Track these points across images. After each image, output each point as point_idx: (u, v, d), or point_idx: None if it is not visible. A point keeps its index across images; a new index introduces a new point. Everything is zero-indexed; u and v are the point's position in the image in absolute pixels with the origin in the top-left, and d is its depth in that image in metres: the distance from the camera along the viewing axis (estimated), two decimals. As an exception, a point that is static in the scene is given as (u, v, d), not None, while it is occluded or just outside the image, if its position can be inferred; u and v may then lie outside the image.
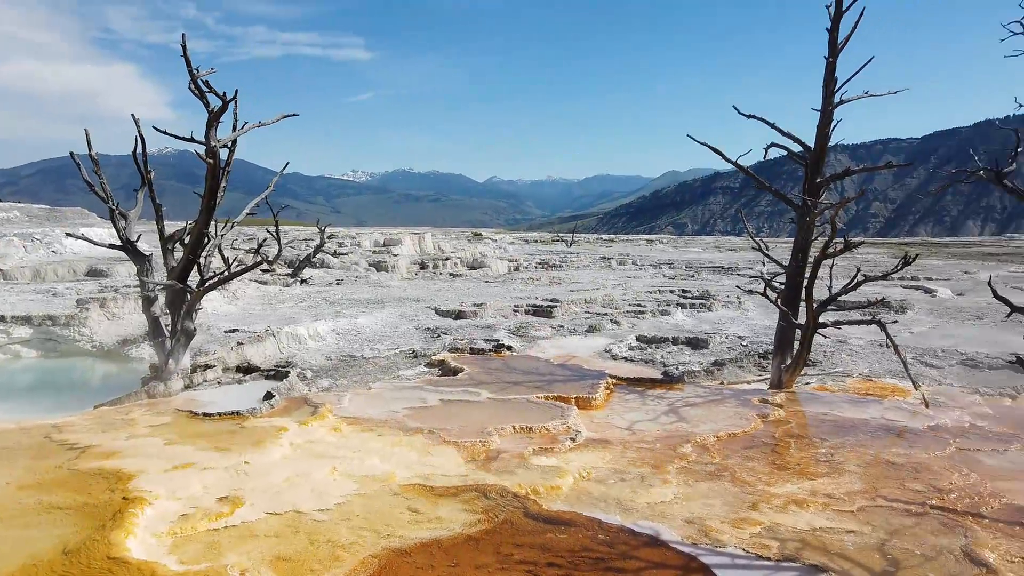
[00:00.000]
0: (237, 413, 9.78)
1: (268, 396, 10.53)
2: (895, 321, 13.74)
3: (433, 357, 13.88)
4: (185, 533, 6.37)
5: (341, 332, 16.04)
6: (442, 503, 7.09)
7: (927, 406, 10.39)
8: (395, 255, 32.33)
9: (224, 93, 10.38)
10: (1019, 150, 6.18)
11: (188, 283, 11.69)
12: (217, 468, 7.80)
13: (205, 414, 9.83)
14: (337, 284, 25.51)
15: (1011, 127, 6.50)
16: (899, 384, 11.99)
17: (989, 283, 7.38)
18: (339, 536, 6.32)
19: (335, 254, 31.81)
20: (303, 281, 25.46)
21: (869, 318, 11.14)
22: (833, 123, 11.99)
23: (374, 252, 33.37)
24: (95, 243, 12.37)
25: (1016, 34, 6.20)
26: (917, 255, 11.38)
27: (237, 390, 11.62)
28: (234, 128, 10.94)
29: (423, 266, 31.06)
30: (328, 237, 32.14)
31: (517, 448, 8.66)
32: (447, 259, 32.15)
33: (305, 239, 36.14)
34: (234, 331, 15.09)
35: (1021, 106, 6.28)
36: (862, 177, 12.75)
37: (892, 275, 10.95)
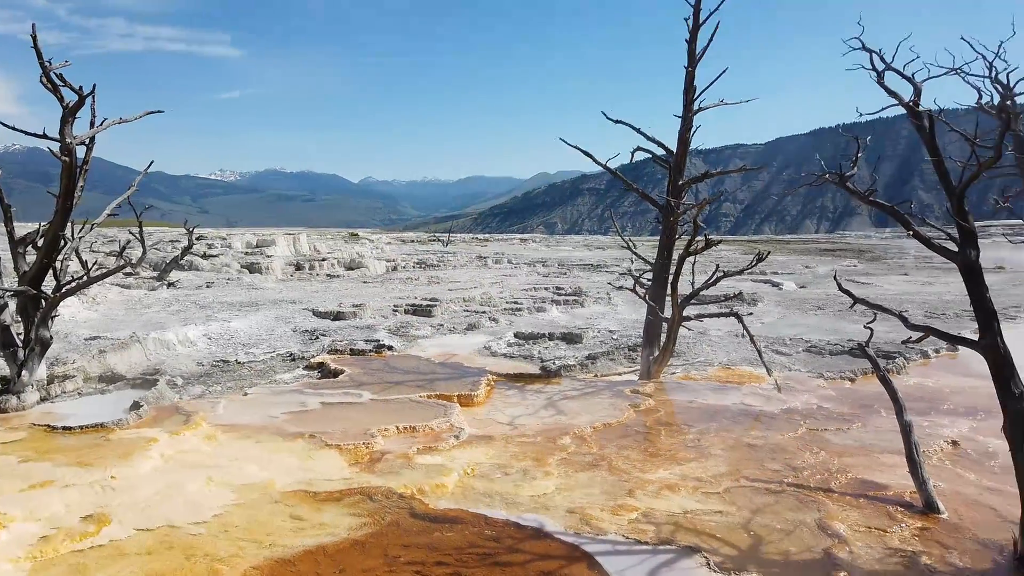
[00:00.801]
0: (101, 425, 9.05)
1: (135, 406, 9.81)
2: (750, 313, 14.56)
3: (312, 359, 13.42)
4: (46, 557, 5.81)
5: (213, 337, 15.22)
6: (326, 508, 6.85)
7: (780, 391, 11.06)
8: (269, 256, 31.06)
9: (80, 87, 9.57)
10: (859, 155, 6.65)
11: (43, 289, 10.70)
12: (80, 485, 7.17)
13: (65, 428, 9.03)
14: (208, 287, 24.20)
15: (852, 134, 6.99)
16: (754, 371, 12.70)
17: (835, 278, 7.92)
18: (217, 549, 5.96)
19: (205, 256, 30.18)
20: (170, 284, 23.98)
21: (728, 311, 11.73)
22: (693, 129, 12.56)
23: (246, 253, 31.90)
24: (-68, 247, 11.10)
25: (855, 49, 6.67)
26: (769, 252, 12.09)
27: (100, 401, 10.77)
28: (92, 125, 10.11)
29: (299, 267, 30.01)
30: (197, 238, 30.43)
31: (401, 448, 8.50)
32: (323, 260, 31.22)
33: (171, 240, 34.08)
34: (95, 338, 13.98)
35: (862, 115, 6.80)
36: (715, 179, 13.42)
37: (748, 270, 11.59)
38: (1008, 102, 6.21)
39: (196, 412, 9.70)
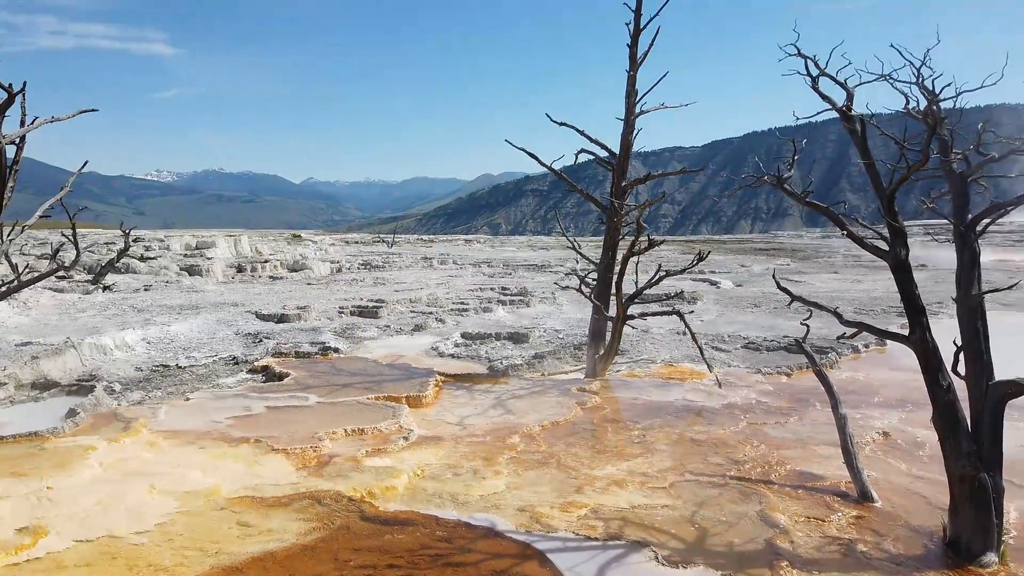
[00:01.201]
0: (35, 434, 8.67)
1: (72, 413, 9.41)
2: (691, 311, 14.81)
3: (256, 363, 13.11)
4: (-24, 573, 5.52)
5: (152, 341, 14.72)
6: (274, 514, 6.68)
7: (720, 386, 11.28)
8: (209, 258, 30.20)
9: (10, 85, 9.11)
10: (795, 158, 6.82)
11: (-31, 294, 10.16)
12: (14, 496, 6.85)
13: (-4, 438, 8.61)
14: (145, 290, 23.40)
15: (788, 137, 7.16)
16: (696, 368, 12.92)
17: (773, 276, 8.12)
18: (161, 559, 5.76)
19: (142, 258, 29.17)
20: (106, 288, 23.11)
21: (670, 309, 11.91)
22: (635, 131, 12.71)
23: (186, 256, 30.95)
24: None
25: (791, 55, 6.83)
26: (709, 252, 12.32)
27: (34, 408, 10.30)
28: (22, 123, 9.65)
29: (240, 269, 29.27)
30: (133, 240, 29.37)
31: (350, 451, 8.37)
32: (266, 262, 30.52)
33: (107, 243, 32.84)
34: (27, 344, 13.38)
35: (798, 119, 6.98)
36: (655, 181, 13.61)
37: (689, 270, 11.79)
38: (933, 107, 6.43)
39: (136, 418, 9.37)
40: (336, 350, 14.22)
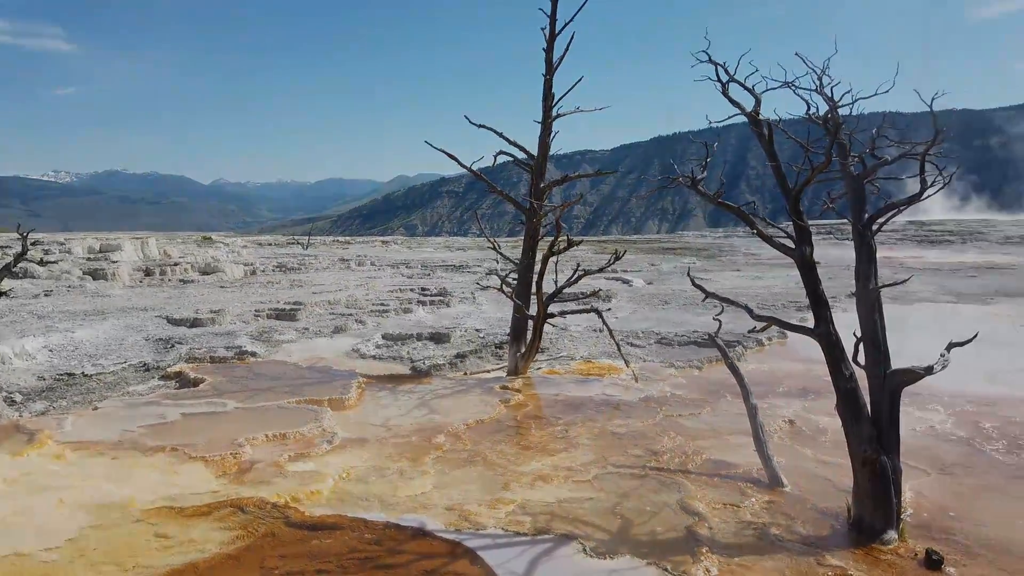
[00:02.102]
0: (-75, 451, 7.98)
1: (-34, 428, 8.73)
2: (608, 309, 15.10)
3: (169, 369, 12.50)
4: None
5: (55, 348, 13.84)
6: (194, 524, 6.38)
7: (637, 381, 11.53)
8: (115, 262, 28.60)
9: None
10: (708, 160, 7.02)
11: None
12: (-97, 519, 6.28)
13: None
14: (46, 295, 21.96)
15: (701, 140, 7.37)
16: (614, 363, 13.14)
17: (688, 274, 8.34)
18: (74, 575, 5.40)
19: (41, 262, 27.33)
20: (2, 294, 21.57)
21: (588, 307, 12.09)
22: (552, 134, 12.82)
23: (89, 259, 29.20)
24: None
25: (702, 62, 7.03)
26: (625, 251, 12.57)
27: (-78, 424, 9.49)
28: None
29: (148, 273, 27.86)
30: (32, 243, 27.54)
31: (272, 456, 8.09)
32: (176, 265, 29.16)
33: (1, 246, 30.68)
34: (-87, 355, 12.32)
35: (712, 123, 7.19)
36: (569, 183, 13.79)
37: (605, 269, 11.99)
38: (833, 113, 6.74)
39: (40, 430, 8.77)
40: (253, 354, 13.74)
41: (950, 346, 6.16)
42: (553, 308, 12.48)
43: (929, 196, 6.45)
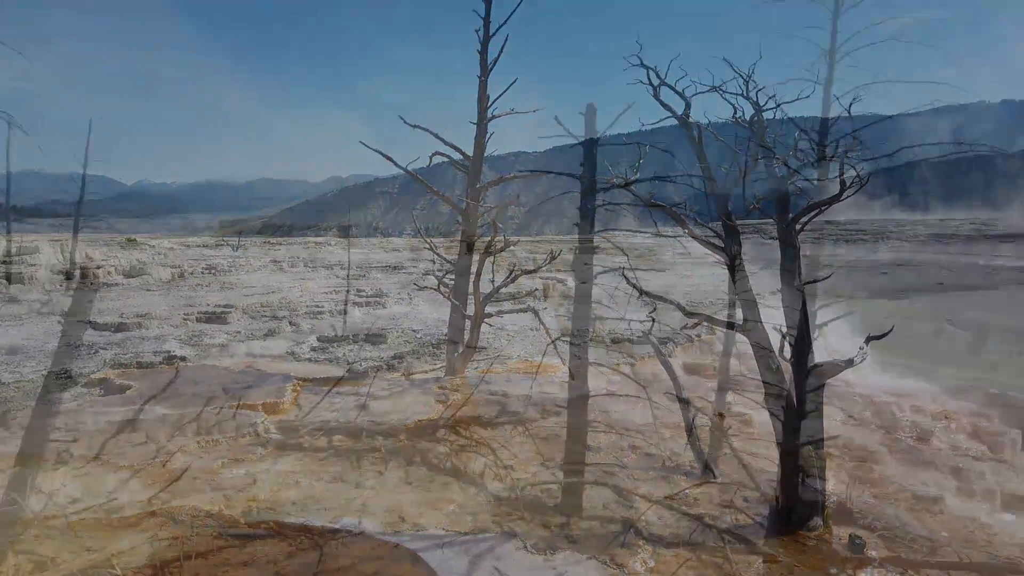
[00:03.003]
0: None
1: None
2: (545, 308, 15.18)
3: (93, 375, 11.92)
4: None
5: (-32, 356, 13.02)
6: (123, 535, 6.09)
7: (573, 378, 11.60)
8: (32, 265, 27.11)
9: None
10: (640, 162, 7.14)
11: None
12: None
13: None
14: (-44, 301, 20.67)
15: (634, 142, 7.49)
16: (549, 361, 13.17)
17: (623, 273, 8.46)
18: (-8, 598, 5.08)
19: (-50, 266, 25.72)
20: (-94, 299, 20.16)
21: (525, 306, 12.11)
22: (488, 135, 12.79)
23: (3, 262, 27.62)
24: None
25: (634, 66, 7.15)
26: (561, 251, 12.65)
27: None
28: None
29: (69, 276, 26.54)
30: (-62, 246, 25.82)
31: (204, 463, 7.80)
32: (99, 267, 27.84)
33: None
34: None
35: (644, 125, 7.32)
36: (503, 184, 13.78)
37: (542, 268, 12.04)
38: (758, 117, 6.94)
39: (-49, 443, 8.23)
40: (183, 358, 13.24)
41: (868, 339, 6.42)
42: (490, 308, 12.46)
43: (848, 196, 6.70)
